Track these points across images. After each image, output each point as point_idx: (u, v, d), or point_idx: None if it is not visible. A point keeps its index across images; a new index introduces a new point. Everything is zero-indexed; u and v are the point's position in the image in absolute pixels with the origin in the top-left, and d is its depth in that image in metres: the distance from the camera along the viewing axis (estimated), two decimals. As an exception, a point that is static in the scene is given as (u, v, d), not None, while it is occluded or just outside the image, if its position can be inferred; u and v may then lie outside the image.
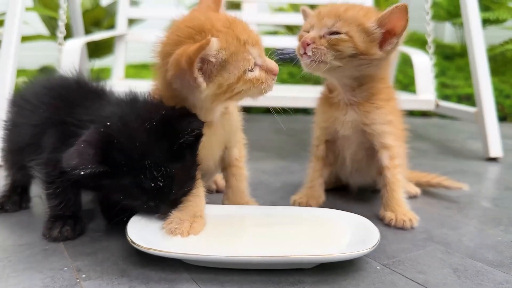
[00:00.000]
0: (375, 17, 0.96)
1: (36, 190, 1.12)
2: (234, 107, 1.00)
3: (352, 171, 1.15)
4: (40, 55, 3.16)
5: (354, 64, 0.97)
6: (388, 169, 1.05)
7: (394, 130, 1.06)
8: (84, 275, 0.77)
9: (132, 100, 0.87)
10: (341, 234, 0.85)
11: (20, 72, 3.17)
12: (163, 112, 0.81)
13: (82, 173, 0.73)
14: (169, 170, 0.79)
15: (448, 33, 3.95)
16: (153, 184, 0.79)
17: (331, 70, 0.98)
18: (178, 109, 0.84)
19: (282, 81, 3.17)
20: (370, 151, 1.09)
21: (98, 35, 2.01)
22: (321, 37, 0.96)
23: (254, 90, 0.85)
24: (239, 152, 1.06)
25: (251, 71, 0.83)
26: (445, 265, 0.82)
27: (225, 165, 1.06)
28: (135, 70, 3.56)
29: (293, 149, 1.85)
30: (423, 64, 1.72)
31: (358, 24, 0.95)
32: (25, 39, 2.63)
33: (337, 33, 0.95)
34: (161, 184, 0.79)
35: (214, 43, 0.75)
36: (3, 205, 1.08)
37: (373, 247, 0.77)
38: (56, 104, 0.92)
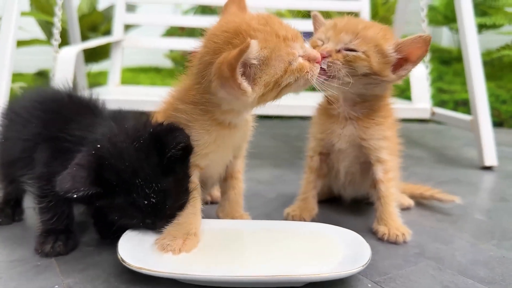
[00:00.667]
0: (393, 41, 0.96)
1: (30, 202, 1.11)
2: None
3: (345, 184, 1.16)
4: (37, 59, 3.16)
5: (364, 82, 0.97)
6: (382, 183, 1.05)
7: (390, 145, 1.07)
8: (75, 293, 0.77)
9: (121, 119, 0.88)
10: (333, 251, 0.85)
11: (17, 76, 3.18)
12: (150, 130, 0.83)
13: (75, 196, 0.75)
14: (160, 186, 0.80)
15: (445, 37, 3.95)
16: (146, 202, 0.80)
17: (340, 86, 0.97)
18: (165, 125, 0.85)
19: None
20: (364, 164, 1.09)
21: (94, 42, 2.01)
22: (338, 51, 0.95)
23: (301, 81, 0.82)
24: (241, 163, 1.06)
25: (295, 62, 0.81)
26: (436, 283, 0.82)
27: (226, 176, 1.05)
28: (132, 74, 3.56)
29: (288, 156, 1.85)
30: (419, 73, 1.72)
31: (376, 45, 0.94)
32: (21, 43, 2.63)
33: (355, 50, 0.94)
34: (154, 200, 0.80)
35: (254, 45, 0.72)
36: (-4, 218, 1.08)
37: (363, 266, 0.77)
38: (47, 119, 0.92)
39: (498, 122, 2.73)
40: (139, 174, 0.79)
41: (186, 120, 0.86)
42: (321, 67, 0.89)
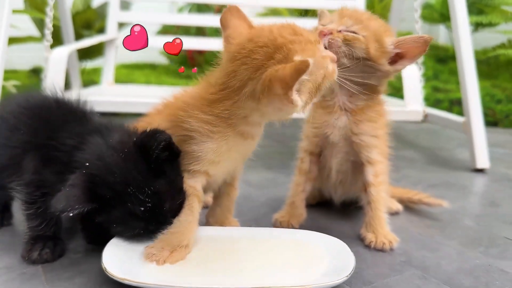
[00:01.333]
0: (392, 37, 1.00)
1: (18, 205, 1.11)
2: None
3: (336, 184, 1.16)
4: (31, 55, 3.14)
5: (360, 68, 0.98)
6: (373, 186, 1.06)
7: (381, 146, 1.07)
8: (59, 304, 0.77)
9: (107, 133, 0.88)
10: (317, 260, 0.86)
11: (11, 73, 3.17)
12: (134, 139, 0.84)
13: (71, 214, 0.76)
14: (153, 189, 0.82)
15: (442, 35, 3.95)
16: (142, 208, 0.81)
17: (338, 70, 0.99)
18: (148, 131, 0.85)
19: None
20: (356, 164, 1.09)
21: (87, 42, 2.00)
22: (338, 31, 0.97)
23: (331, 82, 0.85)
24: (240, 171, 1.05)
25: (330, 65, 0.83)
26: (420, 293, 0.83)
27: (224, 183, 1.04)
28: (127, 70, 3.55)
29: (281, 157, 1.85)
30: (412, 74, 1.72)
31: (376, 34, 0.98)
32: (15, 41, 2.62)
33: (355, 33, 0.97)
34: (149, 204, 0.82)
35: (311, 64, 0.73)
36: (-15, 224, 1.08)
37: (346, 276, 0.78)
38: (35, 126, 0.92)
39: (492, 122, 2.73)
40: (130, 182, 0.80)
41: (208, 131, 0.85)
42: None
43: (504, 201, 1.37)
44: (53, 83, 1.54)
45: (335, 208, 1.25)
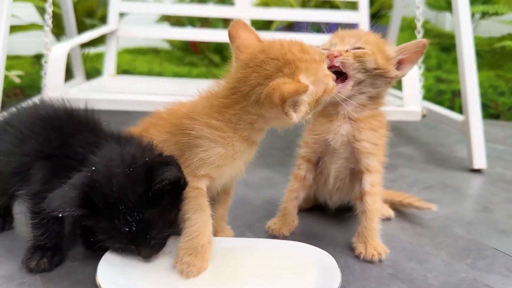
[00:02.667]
0: (391, 46, 1.07)
1: (19, 208, 1.13)
2: None
3: (333, 190, 1.18)
4: (34, 41, 3.14)
5: (372, 79, 1.04)
6: (370, 196, 1.08)
7: (379, 155, 1.09)
8: (55, 316, 0.80)
9: (125, 142, 0.90)
10: (304, 276, 0.88)
11: (15, 60, 3.18)
12: (146, 159, 0.85)
13: (60, 215, 0.78)
14: (142, 216, 0.82)
15: (449, 21, 3.89)
16: (127, 229, 0.82)
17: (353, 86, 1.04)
18: (163, 156, 0.87)
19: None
20: (353, 171, 1.11)
21: (87, 35, 2.00)
22: (346, 51, 1.02)
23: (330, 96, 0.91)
24: (236, 179, 1.07)
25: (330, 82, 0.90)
26: (404, 309, 0.86)
27: (221, 190, 1.06)
28: (131, 56, 3.55)
29: (279, 154, 1.86)
30: (411, 74, 1.71)
31: (377, 45, 1.04)
32: (18, 29, 2.61)
33: (361, 48, 1.02)
34: (134, 228, 0.82)
35: (310, 90, 0.81)
36: (-15, 229, 1.11)
37: (332, 295, 0.80)
38: (47, 136, 0.94)
39: (495, 115, 2.72)
40: (123, 201, 0.81)
41: (218, 136, 0.89)
42: (334, 66, 0.99)
43: (497, 206, 1.38)
44: (53, 79, 1.56)
45: (328, 213, 1.27)
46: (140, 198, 0.82)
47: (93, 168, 0.83)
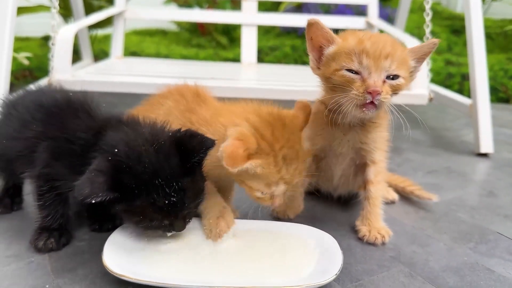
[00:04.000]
0: (407, 50, 0.98)
1: (29, 189, 1.16)
2: None
3: (338, 185, 1.19)
4: (43, 22, 3.14)
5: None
6: (372, 184, 1.09)
7: (383, 148, 1.10)
8: (63, 294, 0.83)
9: (134, 124, 0.91)
10: (305, 258, 0.90)
11: (24, 41, 3.19)
12: (169, 134, 0.88)
13: (94, 201, 0.77)
14: (180, 185, 0.84)
15: (460, 4, 3.82)
16: (166, 201, 0.83)
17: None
18: (184, 130, 0.89)
19: (285, 55, 3.14)
20: (359, 165, 1.12)
21: (95, 17, 2.00)
22: (383, 82, 0.93)
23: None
24: None
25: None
26: (404, 291, 0.87)
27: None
28: (138, 37, 3.54)
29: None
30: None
31: (405, 63, 0.96)
32: (26, 10, 2.62)
33: (396, 75, 0.94)
34: (174, 199, 0.83)
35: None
36: (-5, 208, 1.14)
37: (331, 277, 0.81)
38: (50, 121, 0.95)
39: (504, 98, 2.69)
40: (160, 174, 0.82)
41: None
42: (374, 103, 0.92)
43: (502, 191, 1.38)
44: (60, 62, 1.57)
45: (331, 198, 1.27)
46: (175, 168, 0.84)
47: (116, 150, 0.83)
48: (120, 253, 0.88)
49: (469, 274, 0.93)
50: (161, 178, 0.82)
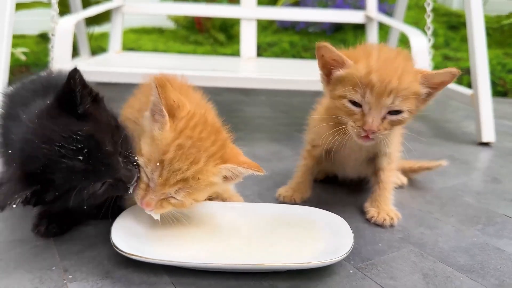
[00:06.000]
0: (414, 68, 0.93)
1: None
2: None
3: (351, 173, 1.18)
4: (39, 20, 3.12)
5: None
6: (384, 171, 1.09)
7: (397, 139, 1.12)
8: (70, 276, 0.81)
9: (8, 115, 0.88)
10: (317, 238, 0.89)
11: (20, 38, 3.16)
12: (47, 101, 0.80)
13: (15, 205, 0.72)
14: (81, 133, 0.75)
15: (456, 1, 3.84)
16: (80, 157, 0.74)
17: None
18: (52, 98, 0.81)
19: (283, 51, 3.14)
20: (371, 156, 1.12)
21: (93, 10, 1.99)
22: (383, 118, 0.92)
23: None
24: None
25: None
26: (416, 270, 0.86)
27: None
28: (135, 35, 3.53)
29: (286, 129, 1.86)
30: (421, 46, 1.69)
31: (413, 94, 0.91)
32: (23, 6, 2.60)
33: (399, 111, 0.92)
34: (86, 149, 0.75)
35: None
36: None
37: (344, 254, 0.80)
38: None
39: (503, 92, 2.70)
40: (53, 138, 0.74)
41: None
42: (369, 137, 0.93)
43: (506, 178, 1.38)
44: (60, 52, 1.56)
45: (338, 182, 1.27)
46: (66, 121, 0.77)
47: (10, 152, 0.79)
48: (128, 233, 0.86)
49: (479, 253, 0.93)
50: (57, 141, 0.74)
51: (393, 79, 0.88)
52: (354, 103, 0.92)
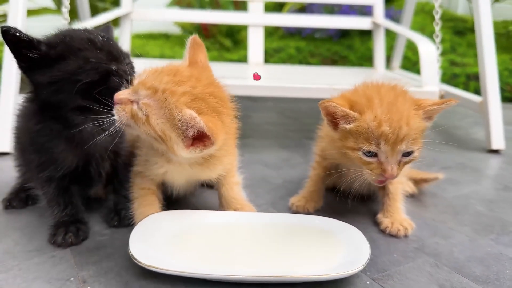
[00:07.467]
0: (421, 111, 0.95)
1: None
2: None
3: (359, 188, 1.18)
4: (46, 26, 3.14)
5: None
6: (391, 183, 1.09)
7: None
8: (89, 287, 0.82)
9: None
10: (333, 249, 0.89)
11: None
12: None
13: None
14: (40, 76, 0.91)
15: (462, 5, 3.85)
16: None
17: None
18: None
19: (290, 56, 3.15)
20: None
21: (102, 17, 2.00)
22: (399, 162, 0.94)
23: None
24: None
25: None
26: (432, 281, 0.86)
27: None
28: (142, 41, 3.54)
29: (295, 136, 1.87)
30: (429, 54, 1.70)
31: (420, 131, 0.95)
32: (31, 13, 2.62)
33: (411, 152, 0.94)
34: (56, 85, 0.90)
35: None
36: (11, 202, 1.13)
37: (361, 266, 0.81)
38: None
39: (510, 98, 2.70)
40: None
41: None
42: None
43: (518, 185, 1.38)
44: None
45: (350, 194, 1.27)
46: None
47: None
48: (146, 244, 0.87)
49: (494, 264, 0.93)
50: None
51: (403, 125, 0.90)
52: (369, 152, 0.93)
